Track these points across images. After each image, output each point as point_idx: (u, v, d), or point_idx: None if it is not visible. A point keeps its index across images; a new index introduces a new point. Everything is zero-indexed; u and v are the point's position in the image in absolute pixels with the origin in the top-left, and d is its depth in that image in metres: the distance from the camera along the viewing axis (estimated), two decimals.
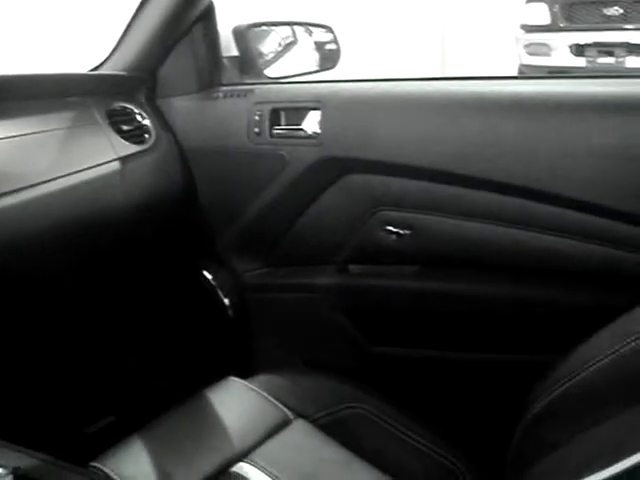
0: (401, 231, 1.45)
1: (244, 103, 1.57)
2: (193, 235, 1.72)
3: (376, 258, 1.54)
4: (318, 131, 1.48)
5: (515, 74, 5.41)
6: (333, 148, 1.46)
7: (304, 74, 1.85)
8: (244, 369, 1.43)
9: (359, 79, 1.56)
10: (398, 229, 1.45)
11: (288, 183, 1.53)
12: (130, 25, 1.58)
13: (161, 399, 1.33)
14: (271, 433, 1.21)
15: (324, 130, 1.47)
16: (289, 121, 1.55)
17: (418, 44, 6.05)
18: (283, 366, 1.50)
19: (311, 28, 1.94)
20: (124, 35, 1.59)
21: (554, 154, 1.26)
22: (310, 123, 1.51)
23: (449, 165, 1.34)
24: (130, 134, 1.53)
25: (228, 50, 1.72)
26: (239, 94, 1.59)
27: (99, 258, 1.53)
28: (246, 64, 1.74)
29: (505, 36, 5.71)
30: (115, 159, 1.45)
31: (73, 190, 1.34)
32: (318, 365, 1.53)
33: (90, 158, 1.41)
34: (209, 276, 1.71)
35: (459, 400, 1.51)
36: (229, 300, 1.69)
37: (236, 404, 1.29)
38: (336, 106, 1.48)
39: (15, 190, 1.24)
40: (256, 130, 1.54)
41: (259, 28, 1.83)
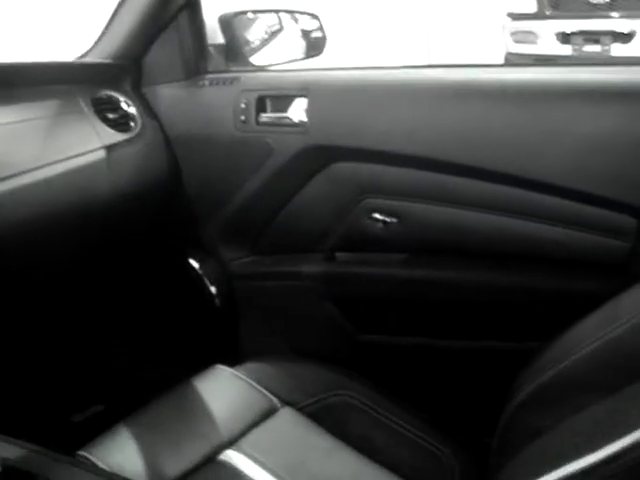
0: (388, 219, 1.45)
1: (230, 91, 1.56)
2: (179, 223, 1.71)
3: (363, 246, 1.54)
4: (304, 119, 1.47)
5: (502, 62, 5.41)
6: (319, 136, 1.46)
7: (290, 62, 1.84)
8: (231, 357, 1.43)
9: (345, 67, 1.56)
10: (385, 217, 1.46)
11: (274, 171, 1.53)
12: (116, 13, 1.56)
13: (149, 387, 1.33)
14: (258, 421, 1.21)
15: (310, 118, 1.46)
16: (275, 109, 1.54)
17: (404, 32, 6.04)
18: (270, 354, 1.51)
19: (297, 16, 1.93)
20: (109, 23, 1.58)
21: (540, 141, 1.26)
22: (296, 111, 1.50)
23: (435, 153, 1.35)
24: (116, 122, 1.52)
25: (214, 38, 1.71)
26: (225, 82, 1.59)
27: (85, 247, 1.52)
28: (232, 52, 1.73)
29: (491, 24, 5.70)
30: (100, 147, 1.44)
31: (58, 179, 1.34)
32: (305, 353, 1.53)
33: (75, 146, 1.40)
34: (195, 265, 1.71)
35: (446, 387, 1.51)
36: (216, 289, 1.69)
37: (223, 392, 1.29)
38: (322, 94, 1.47)
39: (0, 178, 1.24)
40: (242, 118, 1.54)
41: (245, 16, 1.82)
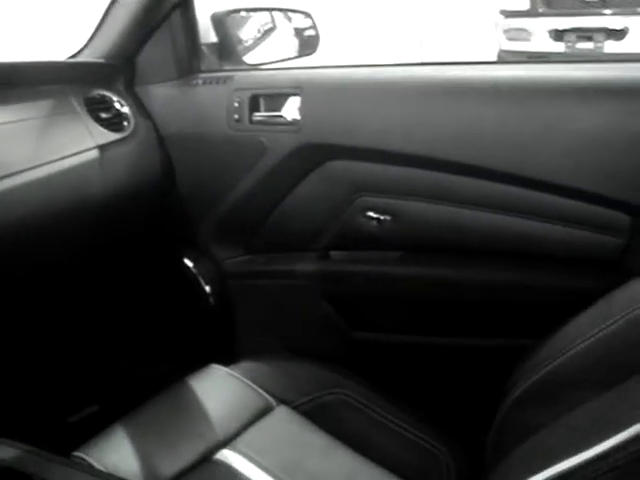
0: (382, 217, 1.45)
1: (223, 90, 1.56)
2: (173, 222, 1.71)
3: (357, 244, 1.54)
4: (298, 117, 1.47)
5: (494, 60, 5.42)
6: (313, 134, 1.46)
7: (283, 60, 1.84)
8: (226, 356, 1.43)
9: (339, 65, 1.56)
10: (379, 215, 1.46)
11: (268, 170, 1.52)
12: (108, 12, 1.56)
13: (144, 387, 1.33)
14: (254, 420, 1.22)
15: (304, 116, 1.46)
16: (269, 108, 1.54)
17: (397, 30, 6.04)
18: (265, 353, 1.51)
19: (290, 14, 1.93)
20: (102, 22, 1.58)
21: (533, 139, 1.27)
22: (290, 109, 1.50)
23: (429, 150, 1.35)
24: (109, 122, 1.52)
25: (207, 37, 1.71)
26: (218, 81, 1.58)
27: (79, 247, 1.52)
28: (225, 51, 1.73)
29: (484, 21, 5.71)
30: (94, 147, 1.44)
31: (52, 179, 1.33)
32: (300, 351, 1.53)
33: (68, 146, 1.39)
34: (190, 264, 1.71)
35: (441, 385, 1.52)
36: (210, 288, 1.69)
37: (218, 391, 1.30)
38: (316, 92, 1.47)
39: None
40: (235, 117, 1.53)
41: (238, 14, 1.82)
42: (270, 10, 1.92)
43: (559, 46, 5.22)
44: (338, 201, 1.49)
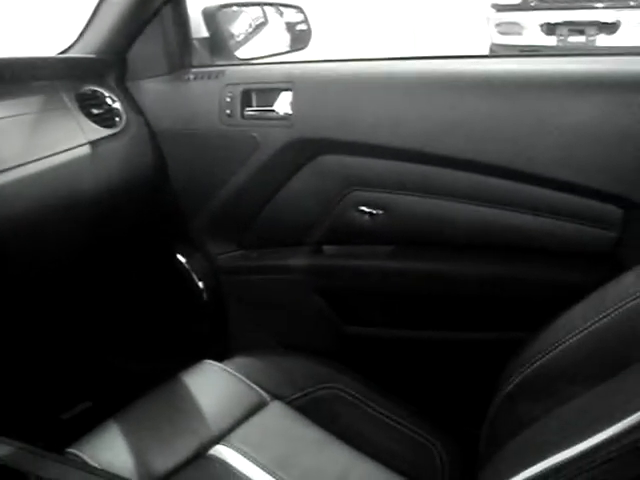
0: (374, 211, 1.45)
1: (215, 85, 1.56)
2: (166, 218, 1.71)
3: (350, 238, 1.54)
4: (290, 112, 1.47)
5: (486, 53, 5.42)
6: (305, 129, 1.46)
7: (275, 55, 1.84)
8: (220, 352, 1.44)
9: (331, 59, 1.56)
10: (371, 209, 1.46)
11: (260, 165, 1.52)
12: (99, 7, 1.55)
13: (137, 383, 1.33)
14: (248, 415, 1.22)
15: (296, 111, 1.46)
16: (261, 102, 1.54)
17: (389, 24, 6.03)
18: (258, 348, 1.50)
19: (282, 9, 1.93)
20: (93, 17, 1.57)
21: (525, 132, 1.27)
22: (282, 104, 1.50)
23: (421, 145, 1.35)
24: (100, 118, 1.51)
25: (198, 31, 1.70)
26: (210, 76, 1.58)
27: (72, 243, 1.51)
28: (217, 45, 1.73)
29: (476, 15, 5.71)
30: (85, 143, 1.43)
31: (43, 175, 1.33)
32: (293, 346, 1.53)
33: (60, 142, 1.39)
34: (183, 259, 1.71)
35: (434, 379, 1.52)
36: (203, 283, 1.69)
37: (212, 387, 1.29)
38: (308, 87, 1.47)
39: None
40: (227, 112, 1.53)
41: (229, 9, 1.81)
42: (262, 4, 1.91)
43: (551, 40, 5.23)
44: (330, 195, 1.49)
